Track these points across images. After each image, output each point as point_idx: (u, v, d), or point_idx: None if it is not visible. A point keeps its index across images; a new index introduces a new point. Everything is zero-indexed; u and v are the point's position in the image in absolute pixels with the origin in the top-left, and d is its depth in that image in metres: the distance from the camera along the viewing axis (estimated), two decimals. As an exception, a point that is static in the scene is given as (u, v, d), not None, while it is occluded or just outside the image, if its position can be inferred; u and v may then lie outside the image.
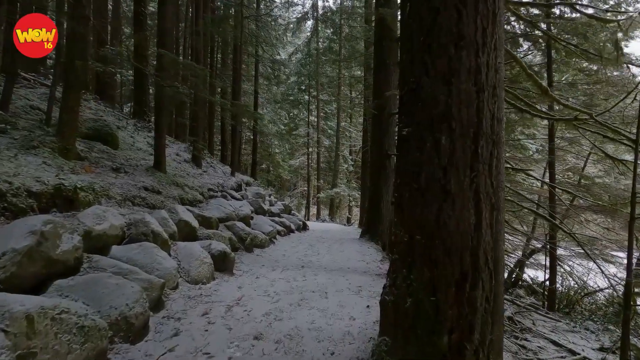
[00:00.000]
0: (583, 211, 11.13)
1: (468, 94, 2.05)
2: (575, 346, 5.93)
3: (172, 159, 8.78)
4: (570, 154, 12.82)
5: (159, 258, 3.73)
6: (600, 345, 6.58)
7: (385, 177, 8.42)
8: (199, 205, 6.63)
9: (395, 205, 2.27)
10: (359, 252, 7.18)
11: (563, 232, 8.74)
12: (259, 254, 6.40)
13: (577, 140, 12.24)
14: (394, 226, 2.25)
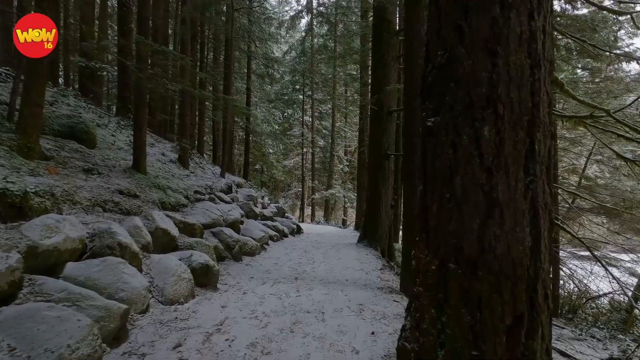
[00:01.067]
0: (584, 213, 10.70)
1: (520, 69, 1.50)
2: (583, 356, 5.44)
3: (157, 159, 8.15)
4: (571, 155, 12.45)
5: (125, 276, 3.13)
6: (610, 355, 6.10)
7: (384, 178, 7.87)
8: (183, 209, 6.02)
9: (418, 220, 1.71)
10: (357, 260, 6.62)
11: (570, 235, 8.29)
12: (249, 263, 5.81)
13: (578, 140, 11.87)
14: (416, 248, 1.69)
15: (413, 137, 4.29)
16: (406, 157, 4.42)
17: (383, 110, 7.81)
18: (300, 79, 22.81)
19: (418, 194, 1.76)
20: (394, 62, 7.98)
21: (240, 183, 10.78)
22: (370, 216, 7.95)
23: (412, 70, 4.35)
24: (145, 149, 6.19)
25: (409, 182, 4.29)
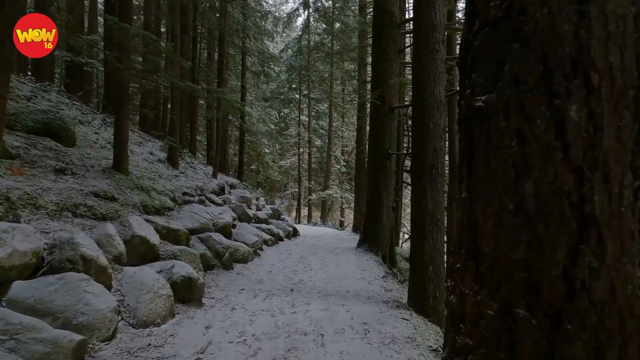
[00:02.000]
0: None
1: (622, 21, 1.00)
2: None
3: (143, 158, 7.61)
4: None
5: (88, 296, 2.62)
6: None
7: (385, 179, 7.40)
8: (168, 213, 5.50)
9: (460, 240, 1.21)
10: (358, 267, 6.13)
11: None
12: (240, 272, 5.30)
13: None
14: (458, 279, 1.19)
15: (423, 134, 3.81)
16: (415, 156, 3.94)
17: (384, 106, 7.33)
18: (297, 78, 22.32)
19: (461, 201, 1.26)
20: (395, 56, 7.51)
21: (233, 184, 10.25)
22: (371, 219, 7.47)
23: (421, 57, 3.86)
24: (127, 146, 5.66)
25: (418, 184, 3.81)
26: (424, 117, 3.79)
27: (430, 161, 3.74)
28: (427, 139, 3.75)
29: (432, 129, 3.76)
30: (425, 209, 3.72)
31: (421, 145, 3.80)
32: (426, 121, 3.78)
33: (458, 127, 1.34)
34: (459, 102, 1.37)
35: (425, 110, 3.78)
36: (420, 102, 3.83)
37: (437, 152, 3.78)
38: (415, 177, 3.88)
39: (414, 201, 3.88)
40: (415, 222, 3.85)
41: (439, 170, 3.78)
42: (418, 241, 3.78)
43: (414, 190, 3.87)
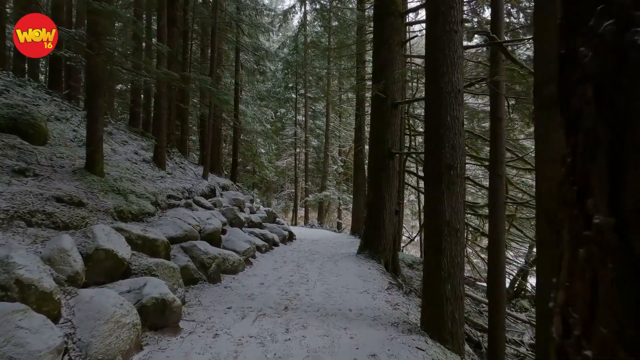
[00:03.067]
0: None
1: None
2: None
3: (126, 157, 6.97)
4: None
5: (21, 333, 2.01)
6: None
7: (387, 181, 6.82)
8: (148, 219, 4.87)
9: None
10: (359, 277, 5.54)
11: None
12: (229, 285, 4.69)
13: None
14: None
15: (439, 128, 3.23)
16: (430, 155, 3.36)
17: (387, 102, 6.76)
18: (293, 77, 21.72)
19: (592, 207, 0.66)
20: (398, 48, 6.94)
21: (226, 185, 9.63)
22: (372, 223, 6.89)
23: (436, 39, 3.28)
24: (101, 145, 5.03)
25: (433, 188, 3.23)
26: (440, 108, 3.22)
27: (447, 160, 3.17)
28: (444, 135, 3.18)
29: (449, 123, 3.19)
30: (442, 217, 3.14)
31: (437, 142, 3.22)
32: (443, 114, 3.20)
33: (568, 104, 0.72)
34: (569, 59, 0.74)
35: (442, 100, 3.21)
36: (436, 92, 3.26)
37: (456, 149, 3.21)
38: (429, 180, 3.30)
39: (428, 208, 3.29)
40: (430, 232, 3.27)
41: (457, 171, 3.21)
42: (434, 255, 3.20)
43: (429, 195, 3.28)
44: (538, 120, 3.27)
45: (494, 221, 5.31)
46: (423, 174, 3.44)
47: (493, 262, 5.37)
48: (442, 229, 3.15)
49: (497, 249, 5.29)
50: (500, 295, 5.21)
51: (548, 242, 2.97)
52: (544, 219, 3.07)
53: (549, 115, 3.15)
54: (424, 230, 3.42)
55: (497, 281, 5.25)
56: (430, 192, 3.27)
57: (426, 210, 3.35)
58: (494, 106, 5.40)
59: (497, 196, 5.27)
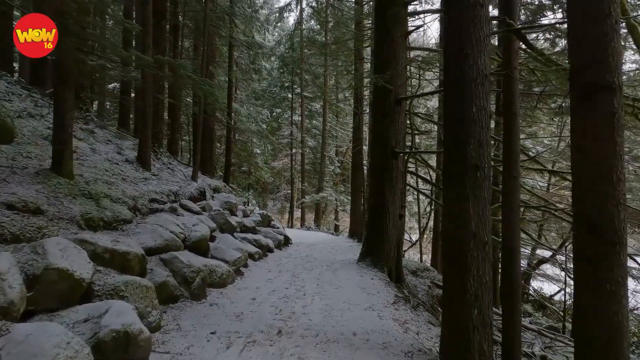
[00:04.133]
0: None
1: None
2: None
3: (107, 157, 6.34)
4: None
5: None
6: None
7: (391, 182, 6.26)
8: (123, 227, 4.25)
9: None
10: (362, 289, 4.97)
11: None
12: (215, 302, 4.08)
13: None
14: None
15: (464, 120, 2.66)
16: (450, 153, 2.78)
17: (390, 97, 6.20)
18: (289, 76, 21.13)
19: None
20: (402, 40, 6.38)
21: (217, 187, 9.01)
22: (375, 229, 6.32)
23: (459, 14, 2.71)
24: (71, 142, 4.40)
25: (455, 192, 2.66)
26: (463, 98, 2.65)
27: (473, 159, 2.61)
28: (469, 129, 2.61)
29: (475, 114, 2.63)
30: (467, 228, 2.58)
31: (460, 138, 2.65)
32: (466, 104, 2.64)
33: None
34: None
35: (465, 88, 2.65)
36: (458, 78, 2.69)
37: (483, 146, 2.65)
38: (450, 184, 2.71)
39: (449, 217, 2.71)
40: (452, 246, 2.69)
41: (485, 172, 2.65)
42: (457, 274, 2.62)
43: (450, 202, 2.70)
44: (576, 111, 2.73)
45: (509, 227, 4.75)
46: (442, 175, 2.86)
47: (508, 271, 4.82)
48: (467, 243, 2.58)
49: (512, 257, 4.74)
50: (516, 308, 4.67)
51: (592, 254, 2.43)
52: (584, 227, 2.54)
53: (591, 105, 2.61)
54: (443, 244, 2.83)
55: (513, 293, 4.69)
56: (452, 198, 2.69)
57: (446, 220, 2.78)
58: (507, 101, 4.85)
59: (512, 200, 4.71)
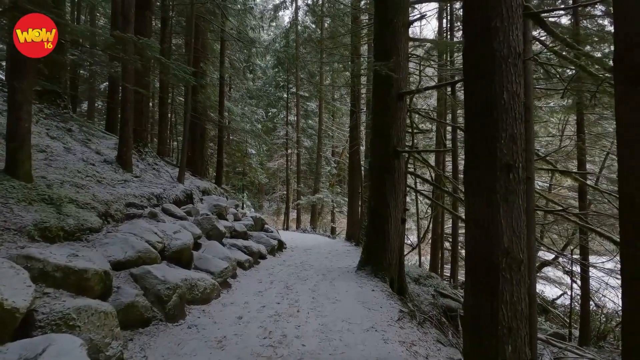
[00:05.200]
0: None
1: None
2: None
3: (82, 158, 5.75)
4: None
5: None
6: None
7: (393, 184, 5.73)
8: (89, 237, 3.67)
9: None
10: (363, 304, 4.42)
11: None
12: (194, 323, 3.51)
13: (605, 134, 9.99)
14: None
15: (492, 109, 2.13)
16: (475, 150, 2.24)
17: (392, 91, 5.67)
18: (284, 75, 20.56)
19: None
20: (404, 30, 5.86)
21: (207, 189, 8.42)
22: (375, 235, 5.78)
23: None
24: (28, 140, 3.81)
25: (482, 198, 2.12)
26: (492, 81, 2.12)
27: (505, 158, 2.08)
28: (499, 120, 2.08)
29: (506, 102, 2.10)
30: (497, 243, 2.05)
31: (487, 131, 2.11)
32: (496, 89, 2.11)
33: None
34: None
35: (495, 69, 2.12)
36: (485, 57, 2.15)
37: (516, 141, 2.12)
38: (475, 188, 2.17)
39: (473, 228, 2.17)
40: (477, 263, 2.15)
41: (519, 174, 2.12)
42: (485, 298, 2.08)
43: (474, 210, 2.16)
44: (623, 98, 2.21)
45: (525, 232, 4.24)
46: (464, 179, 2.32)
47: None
48: (498, 262, 2.05)
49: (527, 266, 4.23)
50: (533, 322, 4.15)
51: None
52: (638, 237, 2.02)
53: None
54: (467, 260, 2.29)
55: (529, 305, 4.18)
56: (478, 206, 2.15)
57: (470, 233, 2.23)
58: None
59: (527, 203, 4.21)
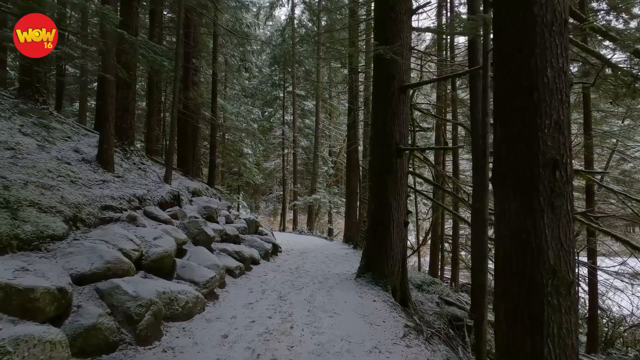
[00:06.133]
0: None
1: None
2: None
3: (57, 156, 5.24)
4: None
5: None
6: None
7: (395, 185, 5.27)
8: (49, 246, 3.17)
9: None
10: (364, 318, 3.95)
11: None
12: (171, 345, 3.02)
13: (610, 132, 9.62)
14: None
15: (533, 89, 1.67)
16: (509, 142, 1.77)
17: (393, 84, 5.21)
18: (281, 73, 20.07)
19: None
20: (407, 18, 5.41)
21: (197, 190, 7.92)
22: (376, 239, 5.31)
23: None
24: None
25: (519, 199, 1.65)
26: (532, 54, 1.66)
27: (549, 151, 1.61)
28: (542, 103, 1.62)
29: (550, 81, 1.65)
30: (540, 258, 1.59)
31: (527, 118, 1.65)
32: (536, 64, 1.65)
33: None
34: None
35: (535, 40, 1.66)
36: (523, 24, 1.69)
37: (563, 131, 1.65)
38: (508, 189, 1.70)
39: (505, 239, 1.70)
40: (511, 285, 1.67)
41: (567, 172, 1.66)
42: (524, 330, 1.61)
43: (506, 216, 1.68)
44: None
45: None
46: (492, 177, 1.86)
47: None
48: (541, 283, 1.59)
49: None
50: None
51: None
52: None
53: None
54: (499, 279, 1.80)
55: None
56: (514, 211, 1.67)
57: (502, 245, 1.75)
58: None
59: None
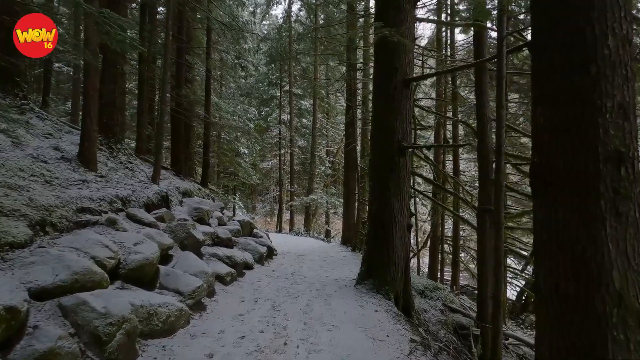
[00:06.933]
0: None
1: None
2: None
3: (32, 154, 4.82)
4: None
5: None
6: None
7: (398, 185, 4.90)
8: (6, 255, 2.75)
9: None
10: (365, 332, 3.57)
11: None
12: (148, 368, 2.63)
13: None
14: None
15: (589, 66, 1.29)
16: (552, 129, 1.39)
17: (396, 77, 4.84)
18: (277, 72, 19.68)
19: None
20: (410, 7, 5.05)
21: (188, 190, 7.51)
22: (377, 243, 4.93)
23: None
24: None
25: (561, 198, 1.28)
26: (588, 19, 1.30)
27: (612, 142, 1.24)
28: (600, 79, 1.26)
29: (612, 52, 1.26)
30: (601, 279, 1.23)
31: (581, 98, 1.29)
32: (594, 31, 1.28)
33: None
34: None
35: (593, 3, 1.29)
36: None
37: (628, 115, 1.29)
38: (555, 189, 1.33)
39: (552, 252, 1.35)
40: (562, 313, 1.31)
41: (635, 167, 1.31)
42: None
43: (551, 223, 1.32)
44: None
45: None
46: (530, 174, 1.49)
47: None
48: (604, 312, 1.22)
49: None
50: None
51: None
52: None
53: None
54: (545, 308, 1.41)
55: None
56: (563, 218, 1.31)
57: (547, 261, 1.37)
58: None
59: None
